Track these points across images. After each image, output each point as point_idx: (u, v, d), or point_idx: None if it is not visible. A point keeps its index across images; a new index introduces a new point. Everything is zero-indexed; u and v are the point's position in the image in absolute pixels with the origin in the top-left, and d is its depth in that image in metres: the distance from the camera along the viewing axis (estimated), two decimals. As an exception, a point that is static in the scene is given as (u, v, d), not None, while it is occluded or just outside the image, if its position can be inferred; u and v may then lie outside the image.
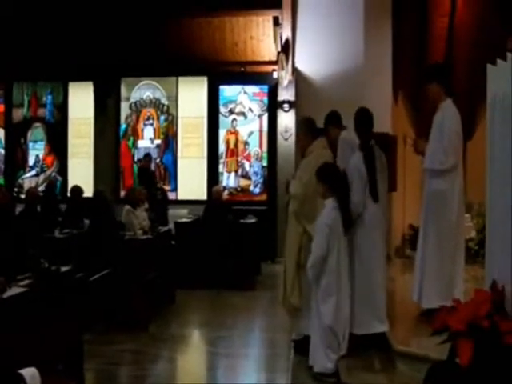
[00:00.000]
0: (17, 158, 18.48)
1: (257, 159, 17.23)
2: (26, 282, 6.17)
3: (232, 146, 17.33)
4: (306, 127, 8.11)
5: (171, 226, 13.42)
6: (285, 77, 16.15)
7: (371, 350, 7.12)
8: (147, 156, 16.52)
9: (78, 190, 13.69)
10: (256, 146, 17.25)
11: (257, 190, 17.17)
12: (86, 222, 11.85)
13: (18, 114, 18.48)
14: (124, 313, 9.45)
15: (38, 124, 18.38)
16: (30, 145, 18.40)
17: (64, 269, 6.89)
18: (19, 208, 12.84)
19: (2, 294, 5.60)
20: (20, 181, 18.39)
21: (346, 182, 7.05)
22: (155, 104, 17.82)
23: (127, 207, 11.93)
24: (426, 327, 5.62)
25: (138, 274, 9.71)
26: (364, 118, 7.69)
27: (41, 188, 16.64)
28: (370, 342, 7.19)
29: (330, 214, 6.74)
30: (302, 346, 7.33)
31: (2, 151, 18.66)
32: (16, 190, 18.04)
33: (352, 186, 7.27)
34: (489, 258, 4.73)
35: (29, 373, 3.77)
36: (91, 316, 8.88)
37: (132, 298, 9.51)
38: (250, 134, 17.29)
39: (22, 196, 17.12)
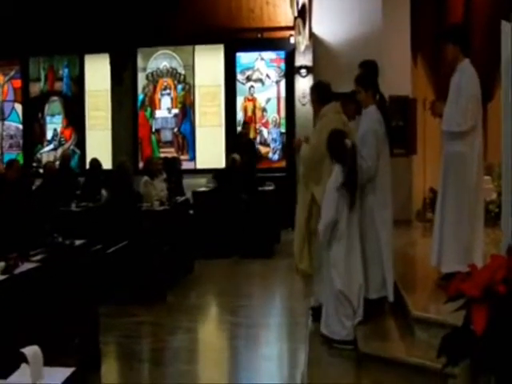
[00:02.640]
0: (35, 133, 18.48)
1: (275, 126, 17.12)
2: (39, 257, 6.08)
3: (250, 113, 17.23)
4: (317, 91, 7.95)
5: (189, 195, 13.36)
6: (302, 42, 15.96)
7: (387, 315, 7.02)
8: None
9: (96, 162, 13.65)
10: (274, 113, 17.14)
11: (275, 157, 17.10)
12: (104, 193, 11.79)
13: (35, 89, 18.46)
14: (142, 284, 9.39)
15: (55, 98, 18.36)
16: (48, 119, 18.40)
17: (78, 242, 6.80)
18: (38, 182, 12.88)
19: (14, 270, 5.52)
20: (38, 155, 18.42)
21: (355, 148, 6.89)
22: (172, 73, 17.71)
23: (145, 178, 11.89)
24: (444, 292, 5.52)
25: (155, 245, 9.62)
26: (376, 70, 7.50)
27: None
28: (384, 306, 7.10)
29: (338, 179, 6.68)
30: (319, 314, 7.23)
31: (20, 126, 18.68)
32: (34, 164, 18.06)
33: (365, 147, 7.10)
34: (505, 222, 4.60)
35: (31, 351, 3.68)
36: (109, 288, 8.88)
37: (149, 270, 9.43)
38: (268, 100, 17.17)
39: (41, 170, 17.18)
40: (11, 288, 5.34)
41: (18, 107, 18.68)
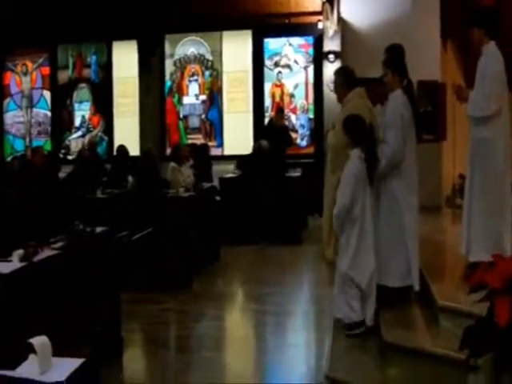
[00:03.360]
0: (63, 120, 18.54)
1: (303, 112, 17.03)
2: (59, 244, 6.05)
3: (278, 99, 17.15)
4: (342, 76, 7.87)
5: (216, 182, 13.33)
6: (330, 27, 15.85)
7: (412, 304, 6.92)
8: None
9: (123, 149, 13.66)
10: (302, 99, 17.05)
11: (304, 143, 17.01)
12: (130, 180, 11.78)
13: (64, 76, 18.53)
14: (167, 271, 9.35)
15: (83, 85, 18.42)
16: (76, 106, 18.46)
17: (100, 230, 6.75)
18: (68, 169, 12.90)
19: (33, 258, 5.50)
20: (67, 142, 18.47)
21: (371, 133, 6.80)
22: (199, 60, 17.68)
23: (172, 164, 11.89)
24: (468, 283, 5.44)
25: (181, 232, 9.57)
26: (402, 54, 7.37)
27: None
28: (409, 295, 7.00)
29: (355, 164, 6.64)
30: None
31: (49, 113, 18.74)
32: (63, 151, 18.13)
33: (390, 132, 7.00)
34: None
35: (39, 341, 3.65)
36: (134, 275, 8.86)
37: (175, 256, 9.39)
38: (296, 86, 17.08)
39: (69, 157, 17.27)
40: (30, 276, 5.32)
41: (47, 94, 18.75)
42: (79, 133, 18.43)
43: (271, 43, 17.23)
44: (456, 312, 5.73)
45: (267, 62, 17.18)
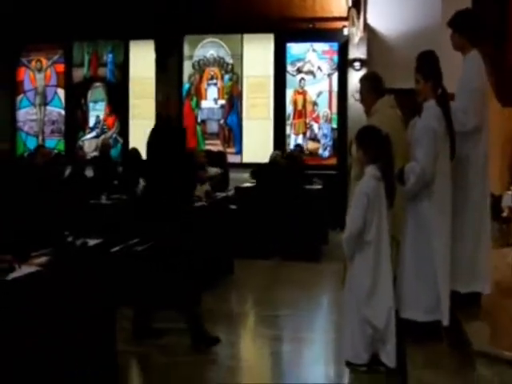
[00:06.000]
0: (77, 119, 18.22)
1: (326, 121, 16.65)
2: (42, 259, 5.17)
3: (300, 106, 16.81)
4: (369, 83, 7.28)
5: (231, 191, 12.80)
6: (356, 33, 15.55)
7: (443, 343, 6.26)
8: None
9: (134, 153, 13.11)
10: (325, 107, 16.67)
11: (326, 154, 16.67)
12: (141, 184, 11.22)
13: (79, 74, 18.20)
14: (175, 286, 8.70)
15: (98, 84, 18.09)
16: (91, 105, 18.13)
17: (93, 242, 5.90)
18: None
19: (7, 275, 4.68)
20: (80, 142, 18.09)
21: (389, 148, 6.15)
22: (219, 63, 17.33)
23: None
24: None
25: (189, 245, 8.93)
26: (437, 61, 6.77)
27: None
28: (440, 331, 6.35)
29: (368, 183, 6.01)
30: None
31: (62, 112, 18.40)
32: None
33: (420, 147, 6.36)
34: None
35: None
36: (137, 290, 8.26)
37: (182, 270, 8.72)
38: (319, 94, 16.71)
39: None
40: (3, 296, 4.54)
41: (61, 92, 18.40)
42: (93, 133, 18.10)
43: (294, 48, 16.86)
44: (496, 359, 5.06)
45: (289, 68, 16.83)
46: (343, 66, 16.22)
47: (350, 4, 15.32)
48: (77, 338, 5.43)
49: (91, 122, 18.08)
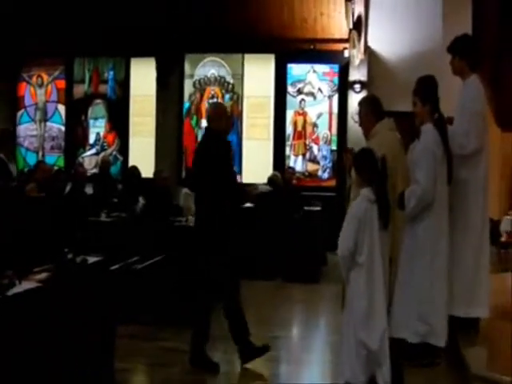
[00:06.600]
0: (77, 136, 18.20)
1: (326, 142, 16.68)
2: (43, 275, 5.23)
3: (300, 127, 16.83)
4: (368, 107, 7.32)
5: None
6: (356, 56, 15.57)
7: (439, 363, 6.26)
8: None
9: (134, 170, 13.10)
10: (325, 129, 16.70)
11: (325, 175, 16.67)
12: (140, 204, 11.22)
13: (79, 90, 18.21)
14: (173, 305, 8.69)
15: (98, 101, 18.08)
16: (91, 122, 18.13)
17: (93, 260, 5.94)
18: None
19: (7, 290, 4.68)
20: (80, 159, 18.04)
21: (384, 171, 6.15)
22: (220, 82, 17.35)
23: (185, 190, 11.37)
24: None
25: (188, 264, 8.93)
26: (435, 86, 6.81)
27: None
28: (438, 353, 6.35)
29: (360, 205, 5.97)
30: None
31: (63, 128, 18.39)
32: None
33: (420, 169, 6.40)
34: None
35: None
36: (138, 308, 8.25)
37: (184, 289, 8.72)
38: (319, 115, 16.74)
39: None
40: (3, 311, 4.53)
41: (61, 108, 18.42)
42: (93, 150, 18.08)
43: (295, 69, 16.91)
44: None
45: (290, 89, 16.87)
46: (343, 87, 16.24)
47: (351, 26, 15.32)
48: (76, 355, 5.43)
49: (91, 138, 18.06)
